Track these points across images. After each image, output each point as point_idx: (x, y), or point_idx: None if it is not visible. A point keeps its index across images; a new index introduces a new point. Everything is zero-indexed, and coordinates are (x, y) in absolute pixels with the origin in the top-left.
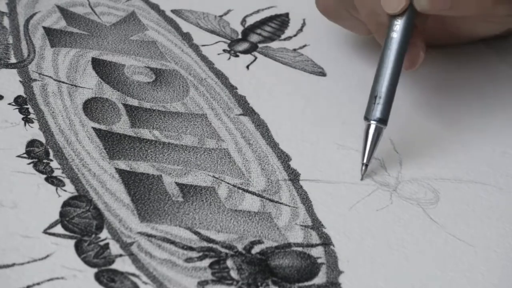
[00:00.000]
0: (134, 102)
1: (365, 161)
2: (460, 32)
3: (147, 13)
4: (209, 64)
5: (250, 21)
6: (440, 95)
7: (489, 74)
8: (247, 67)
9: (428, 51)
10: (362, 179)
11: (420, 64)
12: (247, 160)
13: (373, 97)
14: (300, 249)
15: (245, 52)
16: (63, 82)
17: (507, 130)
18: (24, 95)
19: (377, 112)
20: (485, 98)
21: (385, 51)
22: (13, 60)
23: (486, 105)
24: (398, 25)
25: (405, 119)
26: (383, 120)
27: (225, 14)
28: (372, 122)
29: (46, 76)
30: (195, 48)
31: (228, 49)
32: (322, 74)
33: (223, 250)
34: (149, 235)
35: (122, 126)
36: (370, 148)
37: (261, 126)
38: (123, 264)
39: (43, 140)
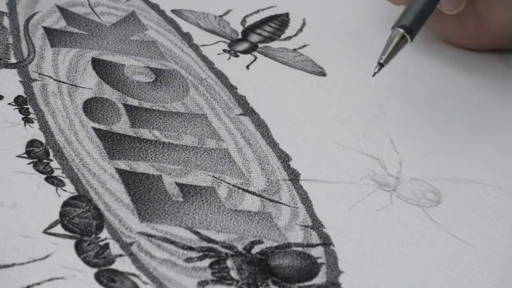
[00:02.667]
0: (134, 102)
1: (382, 60)
2: (490, 24)
3: (147, 13)
4: (209, 64)
5: (250, 21)
6: (440, 94)
7: (489, 74)
8: (247, 67)
9: (430, 53)
10: (373, 75)
11: (461, 8)
12: (247, 160)
13: (413, 10)
14: (300, 249)
15: (245, 52)
16: (63, 82)
17: (507, 130)
18: (24, 95)
19: (406, 20)
20: (485, 98)
21: None
22: (13, 60)
23: (486, 104)
24: None
25: (405, 119)
26: (409, 29)
27: (225, 14)
28: (398, 28)
29: (46, 76)
30: (195, 48)
31: (228, 49)
32: (322, 74)
33: (223, 250)
34: (149, 235)
35: (122, 126)
36: (390, 50)
37: (261, 126)
38: (123, 264)
39: (43, 140)
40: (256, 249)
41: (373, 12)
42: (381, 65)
